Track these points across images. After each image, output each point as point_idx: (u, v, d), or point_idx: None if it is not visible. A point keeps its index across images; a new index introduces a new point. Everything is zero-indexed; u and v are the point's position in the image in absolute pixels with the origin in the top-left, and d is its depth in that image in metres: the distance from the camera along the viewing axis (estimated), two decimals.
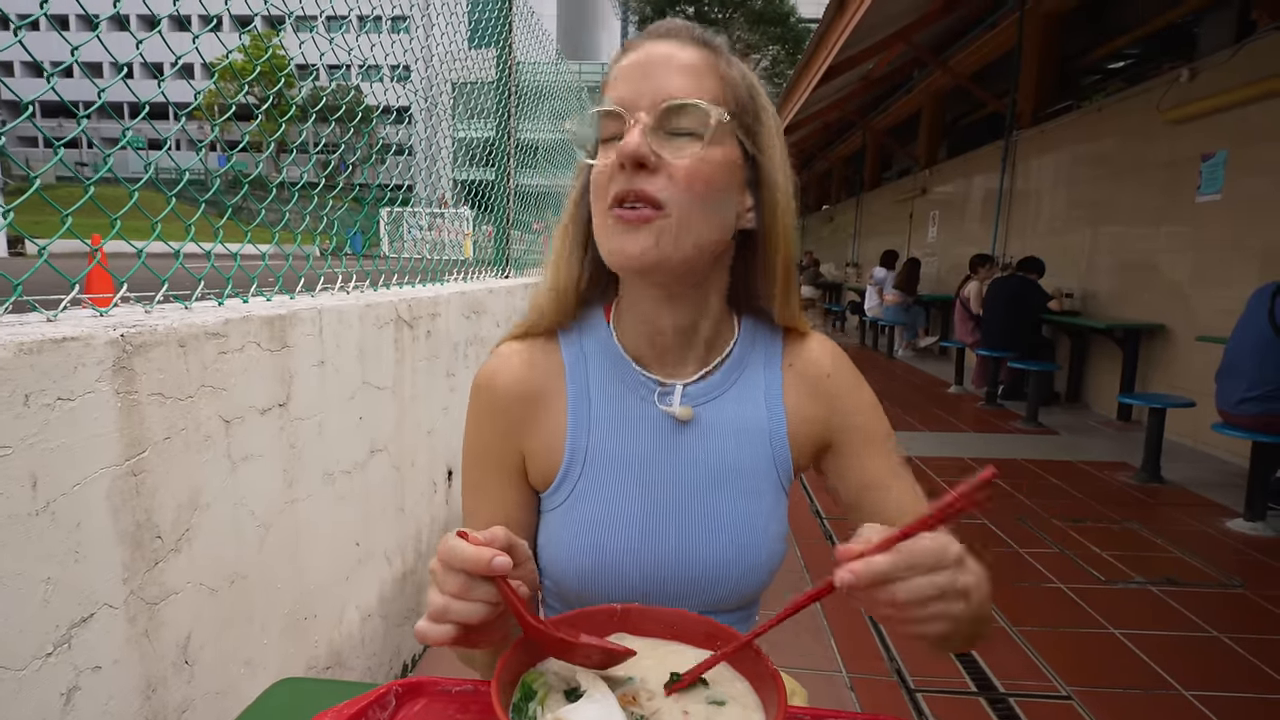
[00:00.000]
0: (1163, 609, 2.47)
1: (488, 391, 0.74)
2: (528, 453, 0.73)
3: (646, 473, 0.71)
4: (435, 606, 0.48)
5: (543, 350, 0.75)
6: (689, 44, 0.67)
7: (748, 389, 0.75)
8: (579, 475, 0.71)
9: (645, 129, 0.62)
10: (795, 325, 0.77)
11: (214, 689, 1.17)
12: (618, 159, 0.63)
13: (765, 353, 0.77)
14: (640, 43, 0.68)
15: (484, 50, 3.28)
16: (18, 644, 0.82)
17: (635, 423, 0.72)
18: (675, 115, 0.64)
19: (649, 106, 0.63)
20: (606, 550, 0.70)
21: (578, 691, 0.49)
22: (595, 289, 0.76)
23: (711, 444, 0.72)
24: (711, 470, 0.72)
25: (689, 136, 0.64)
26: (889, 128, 12.27)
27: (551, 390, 0.74)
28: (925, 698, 1.96)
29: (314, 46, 1.74)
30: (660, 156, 0.63)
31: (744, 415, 0.74)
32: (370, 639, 1.77)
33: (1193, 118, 4.77)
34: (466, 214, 3.42)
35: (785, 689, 0.46)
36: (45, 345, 0.86)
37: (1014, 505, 3.52)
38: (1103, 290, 5.88)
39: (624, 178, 0.63)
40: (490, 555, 0.47)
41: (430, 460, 2.16)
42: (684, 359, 0.74)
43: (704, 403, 0.73)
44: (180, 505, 1.09)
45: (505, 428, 0.73)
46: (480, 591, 0.48)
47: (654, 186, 0.62)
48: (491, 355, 0.76)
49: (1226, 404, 3.25)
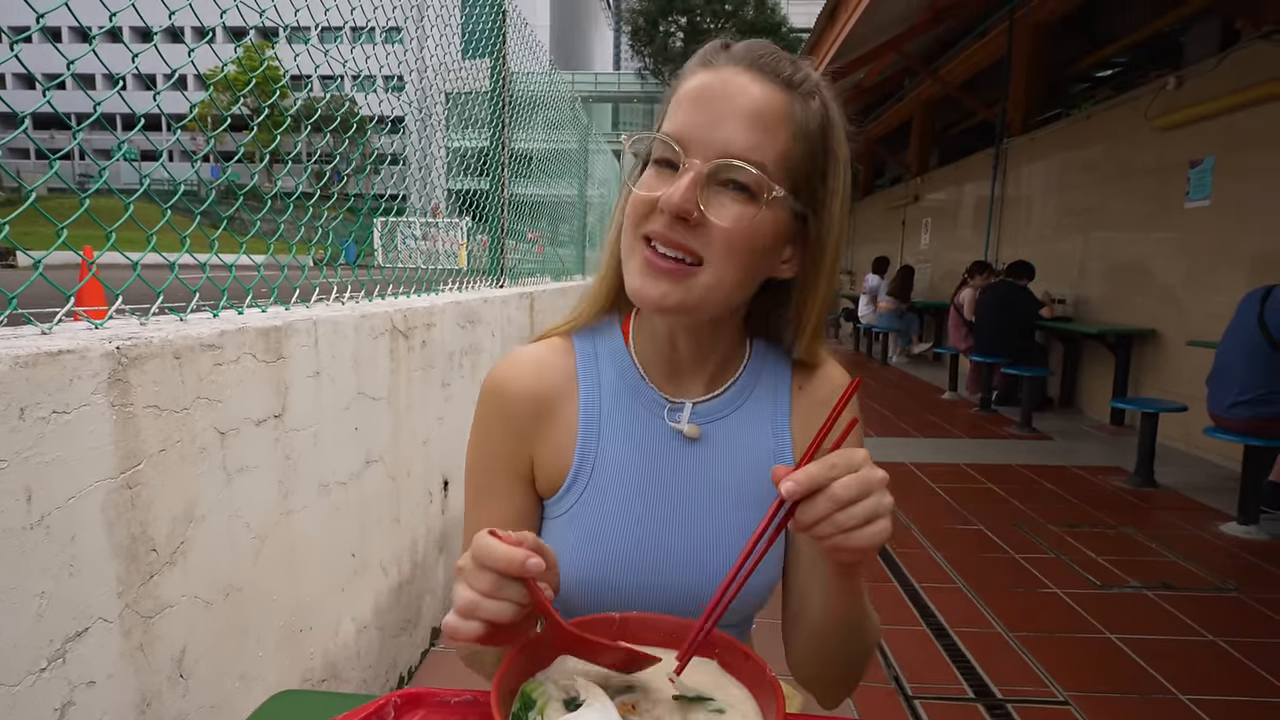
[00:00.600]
0: (1158, 613, 2.48)
1: (498, 396, 0.73)
2: (537, 458, 0.73)
3: (651, 486, 0.72)
4: (465, 602, 0.48)
5: (557, 353, 0.75)
6: (768, 80, 0.62)
7: (755, 411, 0.75)
8: (586, 483, 0.72)
9: (698, 178, 0.60)
10: (812, 361, 0.77)
11: (209, 703, 1.17)
12: (663, 208, 0.61)
13: (775, 376, 0.77)
14: (718, 64, 0.63)
15: (478, 60, 3.29)
16: (12, 659, 0.82)
17: (643, 435, 0.73)
18: (731, 169, 0.61)
19: (706, 154, 0.60)
20: (607, 560, 0.70)
21: (577, 701, 0.49)
22: (619, 298, 0.75)
23: (716, 463, 0.73)
24: (714, 488, 0.72)
25: (741, 191, 0.61)
26: (880, 136, 12.36)
27: (563, 395, 0.74)
28: (923, 704, 1.95)
29: (309, 58, 1.75)
30: (704, 213, 0.60)
31: (750, 437, 0.74)
32: (366, 651, 1.76)
33: (1180, 125, 4.83)
34: (461, 224, 3.43)
35: (784, 695, 0.46)
36: (41, 358, 0.86)
37: (1009, 511, 3.54)
38: (1094, 295, 5.92)
39: (664, 220, 0.61)
40: (524, 556, 0.47)
41: (426, 470, 2.16)
42: (695, 378, 0.74)
43: (711, 421, 0.73)
44: (175, 518, 1.09)
45: (516, 433, 0.73)
46: (510, 591, 0.48)
47: (692, 241, 0.61)
48: (503, 359, 0.76)
49: (1218, 408, 3.28)
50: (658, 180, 0.63)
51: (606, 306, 0.76)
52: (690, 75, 0.65)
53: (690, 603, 0.70)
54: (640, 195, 0.63)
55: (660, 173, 0.63)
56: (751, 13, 26.73)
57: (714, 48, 0.66)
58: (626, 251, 0.66)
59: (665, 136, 0.62)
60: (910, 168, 10.59)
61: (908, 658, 2.19)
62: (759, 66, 0.63)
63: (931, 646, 2.26)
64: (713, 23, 26.38)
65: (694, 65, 0.66)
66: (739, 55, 0.64)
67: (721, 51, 0.65)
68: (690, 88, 0.63)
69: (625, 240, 0.66)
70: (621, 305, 0.76)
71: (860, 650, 0.68)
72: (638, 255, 0.64)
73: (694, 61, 0.66)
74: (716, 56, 0.64)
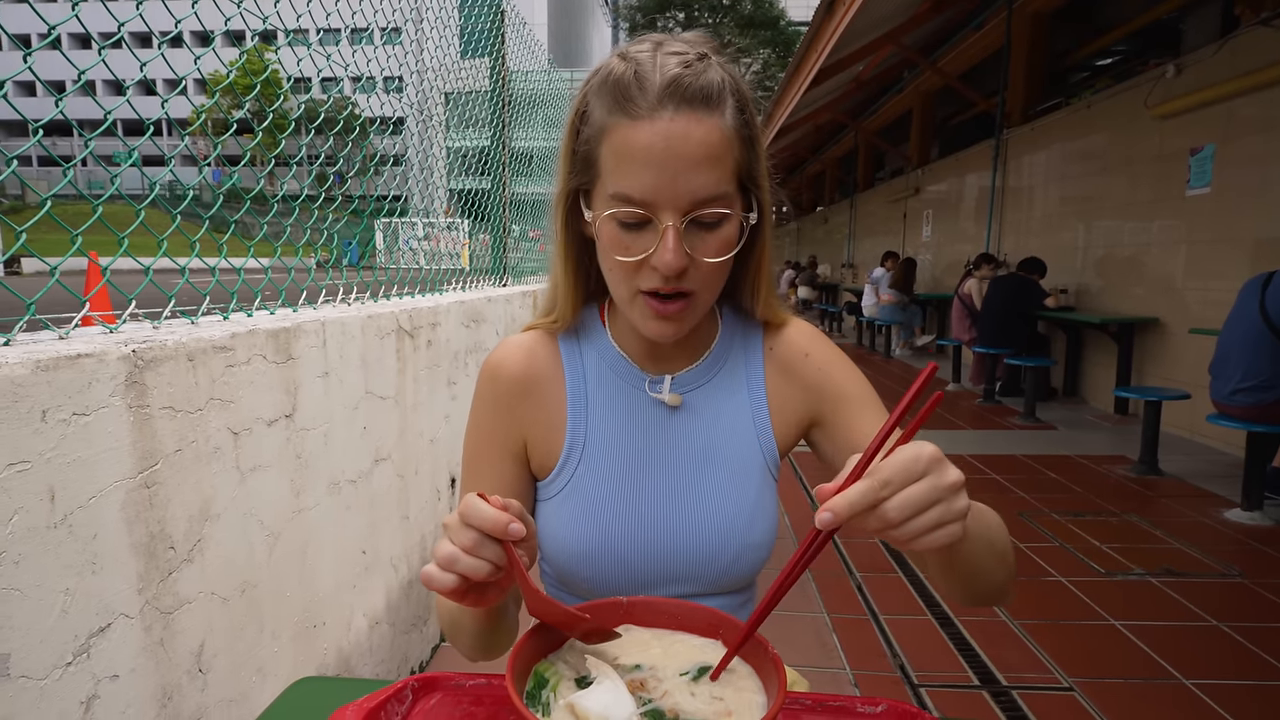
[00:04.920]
0: (1162, 599, 2.49)
1: (493, 379, 0.79)
2: (530, 439, 0.78)
3: (640, 457, 0.76)
4: (444, 555, 0.51)
5: (543, 344, 0.81)
6: (698, 112, 0.62)
7: (731, 378, 0.80)
8: (578, 461, 0.76)
9: (679, 233, 0.63)
10: (774, 319, 0.82)
11: (227, 696, 1.19)
12: (655, 266, 0.64)
13: (746, 343, 0.82)
14: (643, 113, 0.62)
15: (477, 60, 3.31)
16: (39, 653, 0.84)
17: (629, 411, 0.78)
18: (705, 213, 0.64)
19: (677, 206, 0.63)
20: (606, 532, 0.74)
21: (588, 679, 0.51)
22: (590, 292, 0.81)
23: (700, 428, 0.77)
24: (701, 452, 0.77)
25: (714, 224, 0.65)
26: (880, 129, 12.35)
27: (551, 381, 0.79)
28: (929, 692, 1.98)
29: (310, 61, 1.77)
30: (692, 256, 0.65)
31: (729, 402, 0.79)
32: (378, 646, 1.79)
33: (1180, 112, 4.83)
34: (462, 224, 3.45)
35: (785, 672, 0.48)
36: (60, 362, 0.88)
37: (1013, 500, 3.55)
38: (1096, 285, 5.93)
39: (658, 278, 0.65)
40: (508, 519, 0.51)
41: (433, 468, 2.18)
42: (674, 355, 0.79)
43: (691, 390, 0.78)
44: (192, 516, 1.11)
45: (509, 413, 0.78)
46: (488, 551, 0.51)
47: (687, 283, 0.66)
48: (497, 346, 0.81)
49: (1220, 395, 3.28)
50: (627, 238, 0.66)
51: (579, 308, 0.80)
52: (617, 127, 0.64)
53: (687, 566, 0.74)
54: (622, 260, 0.66)
55: (626, 230, 0.66)
56: (749, 6, 26.68)
57: (626, 86, 0.63)
58: (625, 302, 0.70)
59: (626, 200, 0.64)
60: (911, 160, 10.58)
61: (913, 646, 2.21)
62: (685, 101, 0.62)
63: (937, 635, 2.28)
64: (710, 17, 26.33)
65: (612, 113, 0.64)
66: (659, 95, 0.62)
67: (638, 94, 0.63)
68: (626, 144, 0.63)
69: (620, 293, 0.70)
70: (591, 299, 0.82)
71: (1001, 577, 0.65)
72: (640, 304, 0.68)
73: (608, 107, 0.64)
74: (637, 103, 0.62)
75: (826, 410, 0.79)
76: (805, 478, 4.00)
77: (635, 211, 0.64)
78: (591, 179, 0.68)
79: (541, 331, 0.81)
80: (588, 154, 0.68)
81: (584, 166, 0.69)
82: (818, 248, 17.22)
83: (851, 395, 0.79)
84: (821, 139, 15.38)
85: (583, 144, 0.68)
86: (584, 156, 0.69)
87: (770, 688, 0.49)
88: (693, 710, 0.48)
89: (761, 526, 0.76)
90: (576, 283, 0.78)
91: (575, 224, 0.74)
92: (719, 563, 0.74)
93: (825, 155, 16.36)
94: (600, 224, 0.67)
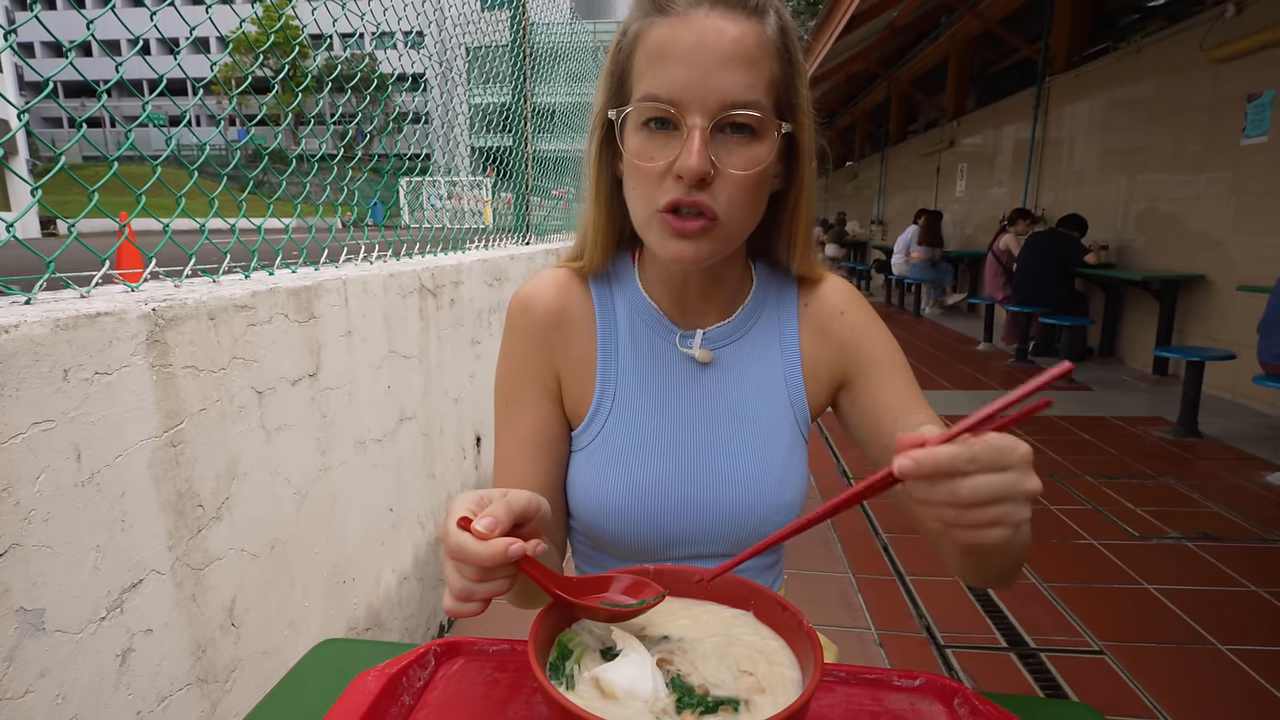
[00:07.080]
0: (1198, 563, 2.44)
1: (525, 312, 0.76)
2: (563, 376, 0.76)
3: (669, 412, 0.74)
4: (459, 589, 0.48)
5: (575, 283, 0.77)
6: (735, 14, 0.61)
7: (764, 334, 0.77)
8: (609, 412, 0.74)
9: (705, 136, 0.60)
10: (810, 274, 0.78)
11: (260, 649, 1.22)
12: (677, 173, 0.60)
13: (780, 299, 0.78)
14: (677, 10, 0.61)
15: (497, 12, 3.21)
16: (73, 609, 0.86)
17: (658, 364, 0.75)
18: (735, 116, 0.61)
19: (705, 108, 0.60)
20: (636, 484, 0.72)
21: (613, 651, 0.50)
22: (623, 236, 0.77)
23: (730, 385, 0.75)
24: (731, 410, 0.74)
25: (744, 133, 0.61)
26: (914, 78, 11.86)
27: (583, 319, 0.76)
28: (955, 653, 1.97)
29: (326, 13, 1.71)
30: (718, 166, 0.61)
31: (760, 359, 0.76)
32: (407, 600, 1.82)
33: (1238, 55, 4.54)
34: (485, 181, 3.40)
35: (821, 646, 0.46)
36: (80, 321, 0.87)
37: (1046, 462, 3.48)
38: (1139, 241, 5.70)
39: (680, 187, 0.61)
40: (503, 548, 0.46)
41: (458, 427, 2.19)
42: (705, 309, 0.76)
43: (722, 346, 0.75)
44: (219, 474, 1.12)
45: (544, 346, 0.75)
46: (499, 573, 0.49)
47: (711, 198, 0.62)
48: (527, 281, 0.78)
49: (1269, 355, 3.15)
50: (652, 145, 0.62)
51: (611, 253, 0.77)
52: (651, 28, 0.62)
53: (716, 522, 0.72)
54: (645, 166, 0.62)
55: (652, 136, 0.62)
56: None
57: None
58: (644, 223, 0.66)
59: (653, 100, 0.61)
60: (946, 111, 10.18)
61: (940, 608, 2.19)
62: (721, 1, 0.61)
63: (963, 596, 2.26)
64: None
65: (648, 15, 0.63)
66: None
67: None
68: (659, 42, 0.61)
69: (639, 212, 0.66)
70: (625, 246, 0.78)
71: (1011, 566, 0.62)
72: (657, 223, 0.64)
73: (644, 10, 0.63)
74: (671, 1, 0.61)
75: (856, 373, 0.76)
76: (833, 441, 3.96)
77: (662, 108, 0.60)
78: (625, 96, 0.65)
79: (570, 272, 0.78)
80: (624, 69, 0.65)
81: (619, 85, 0.65)
82: (846, 204, 16.80)
83: (883, 359, 0.75)
84: (853, 90, 14.85)
85: (620, 60, 0.65)
86: (620, 74, 0.65)
87: (806, 664, 0.47)
88: (722, 685, 0.46)
89: (791, 487, 0.73)
90: (609, 224, 0.74)
91: (609, 160, 0.71)
92: (747, 523, 0.72)
93: (856, 107, 15.84)
94: (628, 137, 0.64)
